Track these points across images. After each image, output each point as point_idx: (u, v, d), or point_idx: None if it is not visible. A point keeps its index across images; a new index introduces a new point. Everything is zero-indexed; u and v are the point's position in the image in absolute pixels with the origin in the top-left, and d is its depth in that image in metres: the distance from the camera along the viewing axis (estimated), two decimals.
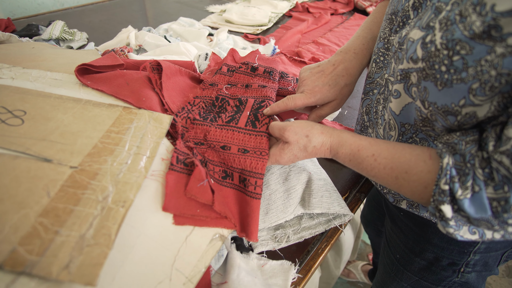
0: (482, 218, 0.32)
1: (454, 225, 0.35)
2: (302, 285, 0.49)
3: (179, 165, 0.47)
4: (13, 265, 0.29)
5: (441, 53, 0.34)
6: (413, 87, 0.40)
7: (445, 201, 0.34)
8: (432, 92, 0.36)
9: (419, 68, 0.37)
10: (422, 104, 0.39)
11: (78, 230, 0.33)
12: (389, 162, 0.41)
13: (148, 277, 0.36)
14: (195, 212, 0.44)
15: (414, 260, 0.62)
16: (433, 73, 0.35)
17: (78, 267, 0.30)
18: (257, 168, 0.50)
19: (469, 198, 0.32)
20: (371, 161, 0.43)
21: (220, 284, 0.45)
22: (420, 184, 0.38)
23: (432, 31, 0.35)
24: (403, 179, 0.40)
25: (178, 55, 0.86)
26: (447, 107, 0.36)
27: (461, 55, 0.32)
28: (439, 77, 0.35)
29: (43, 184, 0.36)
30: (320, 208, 0.53)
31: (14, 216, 0.32)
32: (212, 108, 0.61)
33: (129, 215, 0.38)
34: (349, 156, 0.46)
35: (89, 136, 0.44)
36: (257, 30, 1.23)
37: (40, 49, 0.74)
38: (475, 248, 0.54)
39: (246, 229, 0.46)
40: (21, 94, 0.49)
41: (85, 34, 1.08)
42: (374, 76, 0.54)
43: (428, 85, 0.37)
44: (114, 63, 0.61)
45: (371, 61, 0.55)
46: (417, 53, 0.37)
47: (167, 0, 1.56)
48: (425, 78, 0.37)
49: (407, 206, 0.55)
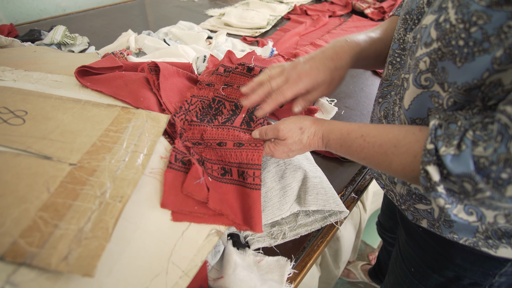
0: (464, 174, 0.31)
1: (444, 195, 0.34)
2: (298, 280, 0.50)
3: (177, 164, 0.48)
4: (14, 256, 0.30)
5: (456, 28, 0.33)
6: (422, 75, 0.39)
7: (430, 161, 0.33)
8: (451, 70, 0.35)
9: (434, 49, 0.36)
10: (441, 87, 0.37)
11: (76, 224, 0.34)
12: (378, 139, 0.41)
13: (145, 270, 0.37)
14: (193, 209, 0.45)
15: (431, 276, 0.58)
16: (450, 51, 0.34)
17: (76, 258, 0.31)
18: (253, 159, 0.51)
19: (452, 154, 0.31)
20: (361, 141, 0.43)
21: (217, 279, 0.46)
22: (409, 155, 0.37)
23: (445, 11, 0.34)
24: (392, 153, 0.39)
25: (177, 58, 0.88)
26: (468, 84, 0.34)
27: (478, 25, 0.31)
28: (458, 53, 0.33)
29: (43, 180, 0.37)
30: (315, 205, 0.54)
31: (15, 210, 0.33)
32: (209, 110, 0.62)
33: (126, 211, 0.39)
34: (339, 141, 0.46)
35: (88, 135, 0.45)
36: (255, 33, 1.25)
37: (42, 52, 0.75)
38: (502, 270, 0.49)
39: (249, 222, 0.47)
40: (23, 95, 0.50)
41: (86, 39, 1.10)
42: (391, 78, 0.53)
43: (446, 64, 0.35)
44: (113, 65, 0.63)
45: (387, 63, 0.54)
46: (431, 35, 0.36)
47: (167, 5, 1.58)
48: (441, 58, 0.35)
49: (428, 225, 0.51)
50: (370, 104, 0.88)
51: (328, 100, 0.87)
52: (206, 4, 1.61)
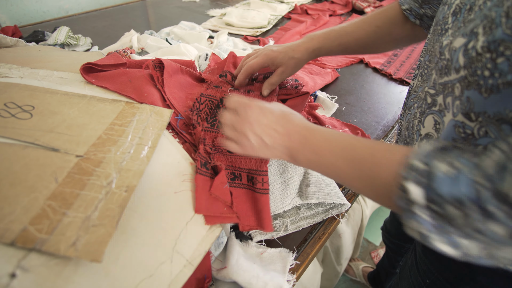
0: (456, 199, 0.26)
1: (421, 218, 0.29)
2: (300, 271, 0.50)
3: (203, 169, 0.51)
4: (24, 242, 0.31)
5: (483, 57, 0.31)
6: (456, 100, 0.36)
7: (409, 178, 0.29)
8: (478, 101, 0.33)
9: (461, 77, 0.34)
10: (466, 117, 0.35)
11: (84, 212, 0.35)
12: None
13: (151, 258, 0.38)
14: (223, 211, 0.47)
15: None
16: (475, 80, 0.32)
17: (84, 245, 0.32)
18: (261, 167, 0.54)
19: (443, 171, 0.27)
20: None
21: (220, 269, 0.47)
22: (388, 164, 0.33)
23: (475, 37, 0.32)
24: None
25: (179, 56, 0.89)
26: (500, 114, 0.31)
27: (505, 56, 0.29)
28: (483, 84, 0.31)
29: (51, 171, 0.38)
30: (317, 198, 0.55)
31: (25, 199, 0.34)
32: (218, 111, 0.63)
33: (132, 201, 0.40)
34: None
35: (94, 128, 0.46)
36: (256, 32, 1.26)
37: (47, 51, 0.77)
38: None
39: (261, 223, 0.50)
40: (30, 91, 0.51)
41: (89, 39, 1.12)
42: (418, 90, 0.52)
43: (472, 94, 0.33)
44: (117, 62, 0.64)
45: (417, 75, 0.53)
46: (459, 61, 0.34)
47: (168, 5, 1.60)
48: (467, 87, 0.33)
49: None
50: (371, 101, 0.89)
51: (329, 97, 0.87)
52: (207, 4, 1.63)
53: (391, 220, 0.99)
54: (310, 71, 0.97)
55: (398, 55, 1.14)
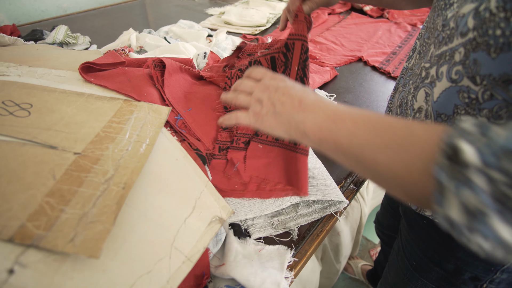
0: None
1: (476, 186, 0.22)
2: (298, 268, 0.51)
3: (221, 153, 0.57)
4: (22, 238, 0.31)
5: (496, 17, 0.31)
6: (454, 67, 0.37)
7: (463, 136, 0.24)
8: (485, 62, 0.33)
9: (469, 39, 0.34)
10: (472, 81, 0.35)
11: (82, 209, 0.35)
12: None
13: (149, 254, 0.38)
14: (234, 188, 0.54)
15: (432, 269, 0.58)
16: (485, 41, 0.32)
17: (82, 241, 0.32)
18: None
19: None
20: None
21: (218, 266, 0.47)
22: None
23: (488, 0, 0.32)
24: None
25: (178, 54, 0.89)
26: (507, 75, 0.32)
27: None
28: (493, 43, 0.32)
29: (49, 168, 0.38)
30: (315, 195, 0.55)
31: (22, 196, 0.35)
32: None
33: (130, 197, 0.40)
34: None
35: (92, 126, 0.46)
36: (255, 31, 1.26)
37: (45, 50, 0.77)
38: (504, 267, 0.49)
39: (296, 183, 0.53)
40: (28, 89, 0.52)
41: (87, 38, 1.12)
42: (414, 67, 0.52)
43: (479, 56, 0.33)
44: (116, 61, 0.64)
45: (415, 52, 0.53)
46: (468, 25, 0.34)
47: (167, 4, 1.60)
48: (474, 49, 0.34)
49: (432, 214, 0.51)
50: (369, 99, 0.89)
51: (327, 95, 0.88)
52: (206, 3, 1.62)
53: (382, 212, 1.00)
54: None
55: (396, 53, 1.14)
